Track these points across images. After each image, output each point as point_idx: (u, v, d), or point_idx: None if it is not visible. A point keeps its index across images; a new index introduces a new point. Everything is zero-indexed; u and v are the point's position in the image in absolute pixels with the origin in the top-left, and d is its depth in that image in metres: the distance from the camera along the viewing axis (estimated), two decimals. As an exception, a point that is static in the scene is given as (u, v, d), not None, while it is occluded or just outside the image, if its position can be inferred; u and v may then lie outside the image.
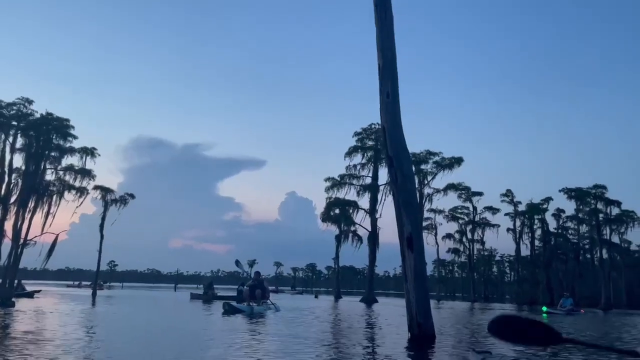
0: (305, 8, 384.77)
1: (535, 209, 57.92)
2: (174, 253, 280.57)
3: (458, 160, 41.54)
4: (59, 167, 36.27)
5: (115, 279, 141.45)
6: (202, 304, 25.14)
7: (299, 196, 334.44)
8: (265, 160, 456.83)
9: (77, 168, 36.66)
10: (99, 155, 37.54)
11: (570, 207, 55.62)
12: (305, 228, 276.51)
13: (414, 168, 41.34)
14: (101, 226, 38.13)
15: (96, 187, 38.31)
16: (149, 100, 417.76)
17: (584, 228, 57.74)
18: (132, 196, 39.81)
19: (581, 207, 52.63)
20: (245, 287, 21.54)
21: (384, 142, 11.84)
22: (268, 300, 19.83)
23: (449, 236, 60.29)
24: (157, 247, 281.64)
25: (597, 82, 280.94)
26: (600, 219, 50.90)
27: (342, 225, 43.44)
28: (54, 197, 35.55)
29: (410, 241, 11.10)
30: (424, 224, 51.88)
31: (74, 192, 36.49)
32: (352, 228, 43.89)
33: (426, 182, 45.45)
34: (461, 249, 62.28)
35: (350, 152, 41.54)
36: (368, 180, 41.63)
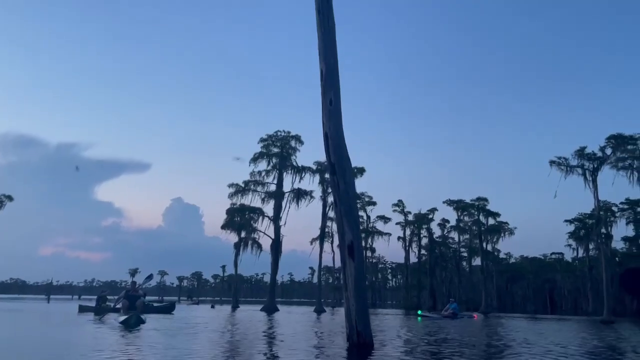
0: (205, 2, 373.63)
1: (423, 219, 61.85)
2: (42, 261, 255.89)
3: (360, 170, 42.90)
4: None
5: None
6: (94, 317, 22.90)
7: (186, 202, 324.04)
8: (150, 163, 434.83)
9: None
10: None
11: (455, 217, 60.14)
12: (191, 235, 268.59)
13: (318, 177, 42.13)
14: (-30, 231, 33.39)
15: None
16: (21, 93, 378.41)
17: (464, 237, 62.95)
18: (9, 198, 35.24)
19: (464, 217, 57.15)
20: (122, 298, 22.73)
21: (326, 149, 11.74)
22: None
23: (343, 244, 61.80)
24: (21, 254, 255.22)
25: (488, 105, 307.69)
26: (482, 229, 55.60)
27: (244, 233, 42.55)
28: None
29: (352, 249, 11.10)
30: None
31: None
32: (253, 235, 43.22)
33: (329, 190, 45.98)
34: (354, 256, 64.33)
35: (256, 159, 40.87)
36: (273, 188, 41.36)
